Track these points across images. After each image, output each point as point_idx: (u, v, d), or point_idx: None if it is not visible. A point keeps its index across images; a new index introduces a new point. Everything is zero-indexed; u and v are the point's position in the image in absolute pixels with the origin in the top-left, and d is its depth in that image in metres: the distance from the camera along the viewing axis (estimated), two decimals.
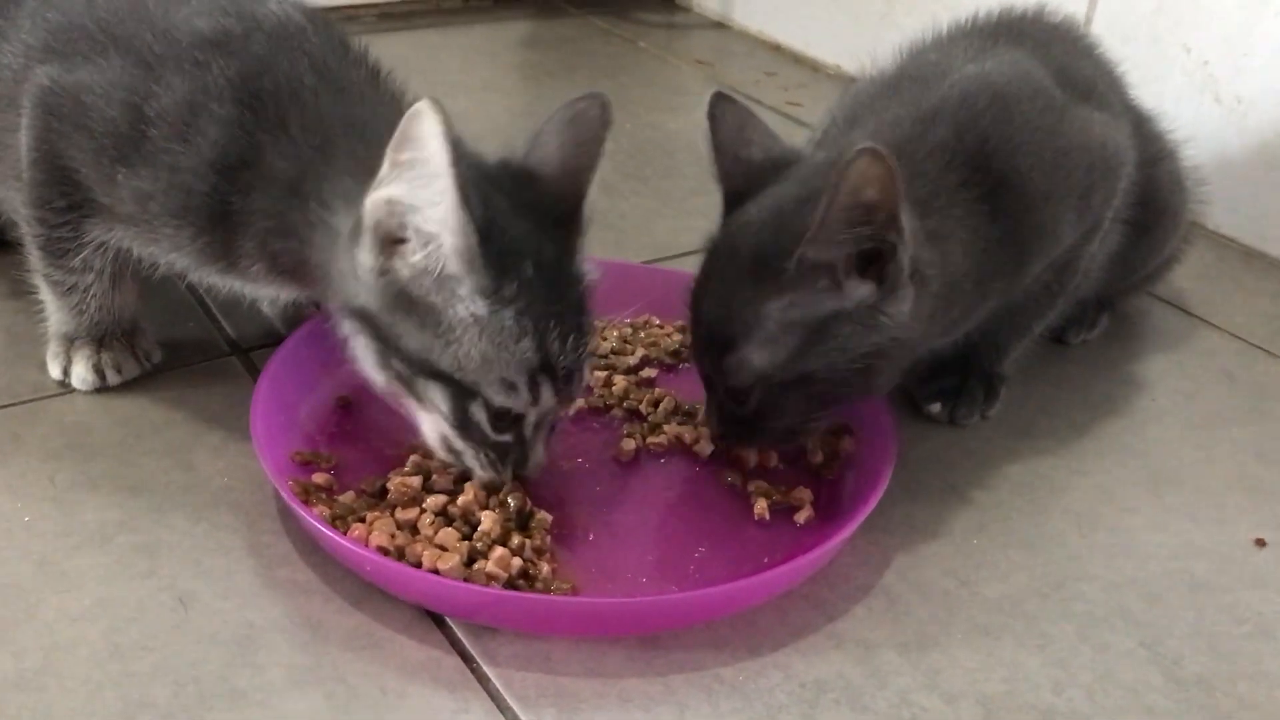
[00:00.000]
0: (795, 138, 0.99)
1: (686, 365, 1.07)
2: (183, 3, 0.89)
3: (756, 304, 0.83)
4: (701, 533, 0.88)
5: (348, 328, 0.83)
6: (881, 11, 1.84)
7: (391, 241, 0.77)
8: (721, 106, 0.90)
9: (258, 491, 0.89)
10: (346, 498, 0.85)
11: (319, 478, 0.87)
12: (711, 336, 0.87)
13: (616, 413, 1.00)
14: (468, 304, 0.77)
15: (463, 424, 0.81)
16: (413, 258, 0.76)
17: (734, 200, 0.90)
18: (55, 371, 1.00)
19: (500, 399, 0.79)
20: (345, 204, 0.80)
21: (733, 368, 0.85)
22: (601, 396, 1.01)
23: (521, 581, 0.80)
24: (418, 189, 0.73)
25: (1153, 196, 1.09)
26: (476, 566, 0.79)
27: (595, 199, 0.85)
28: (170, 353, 1.04)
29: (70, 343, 0.99)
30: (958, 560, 0.89)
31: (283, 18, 0.89)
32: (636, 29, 2.07)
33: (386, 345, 0.80)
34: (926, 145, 0.89)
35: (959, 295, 0.90)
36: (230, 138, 0.83)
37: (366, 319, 0.81)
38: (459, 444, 0.83)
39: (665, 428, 0.97)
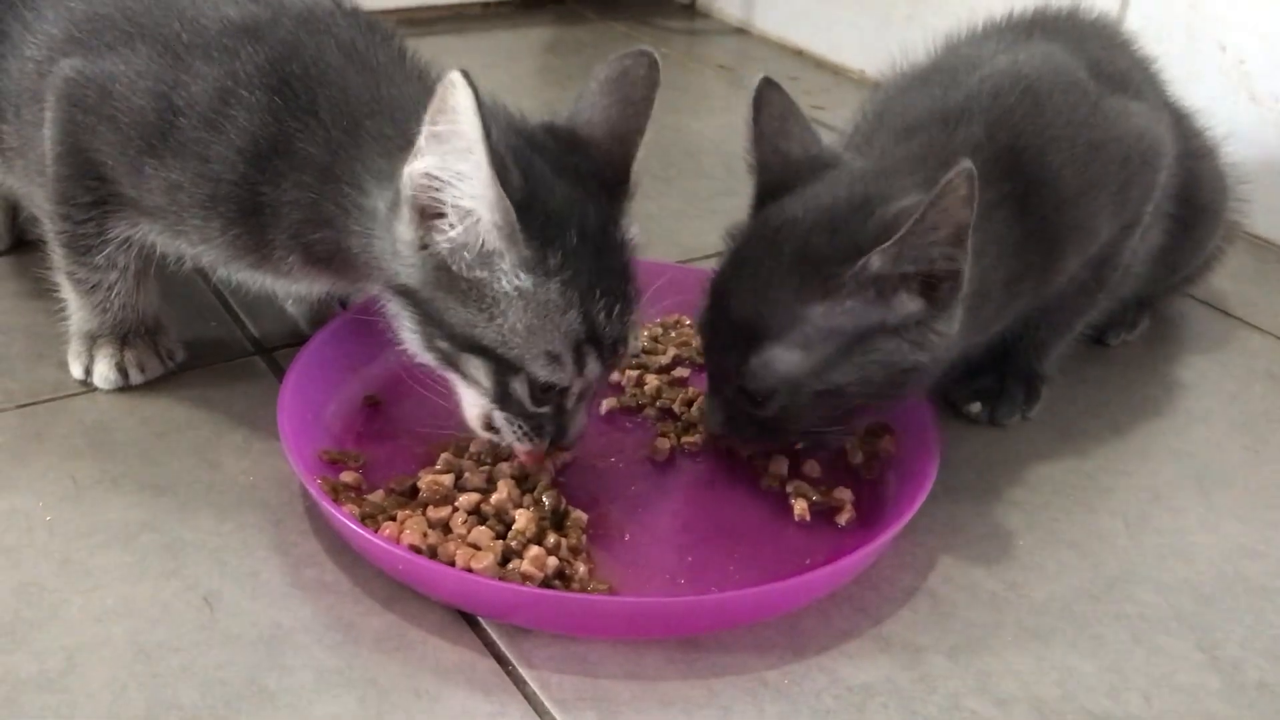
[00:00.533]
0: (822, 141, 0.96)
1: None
2: None
3: (797, 305, 0.80)
4: (740, 534, 0.86)
5: (393, 308, 0.82)
6: (907, 14, 1.82)
7: (430, 215, 0.75)
8: (768, 93, 0.88)
9: (284, 491, 0.87)
10: (376, 496, 0.83)
11: (347, 476, 0.85)
12: (737, 332, 0.83)
13: (650, 412, 0.98)
14: (510, 277, 0.75)
15: (502, 398, 0.79)
16: (451, 232, 0.74)
17: (768, 192, 0.88)
18: (77, 370, 0.98)
19: (545, 373, 0.77)
20: (379, 183, 0.78)
21: (756, 368, 0.82)
22: (634, 396, 0.99)
23: (557, 581, 0.77)
24: (452, 162, 0.72)
25: (1194, 193, 1.07)
26: (511, 566, 0.77)
27: (644, 161, 0.83)
28: (193, 352, 1.02)
29: (92, 341, 0.98)
30: (1004, 562, 0.86)
31: (309, 2, 0.88)
32: (658, 34, 2.06)
33: (430, 322, 0.78)
34: (956, 146, 0.86)
35: (989, 300, 0.87)
36: (260, 124, 0.81)
37: (409, 296, 0.79)
38: (499, 419, 0.81)
39: (702, 427, 0.95)
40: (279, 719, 0.69)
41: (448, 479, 0.83)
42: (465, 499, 0.81)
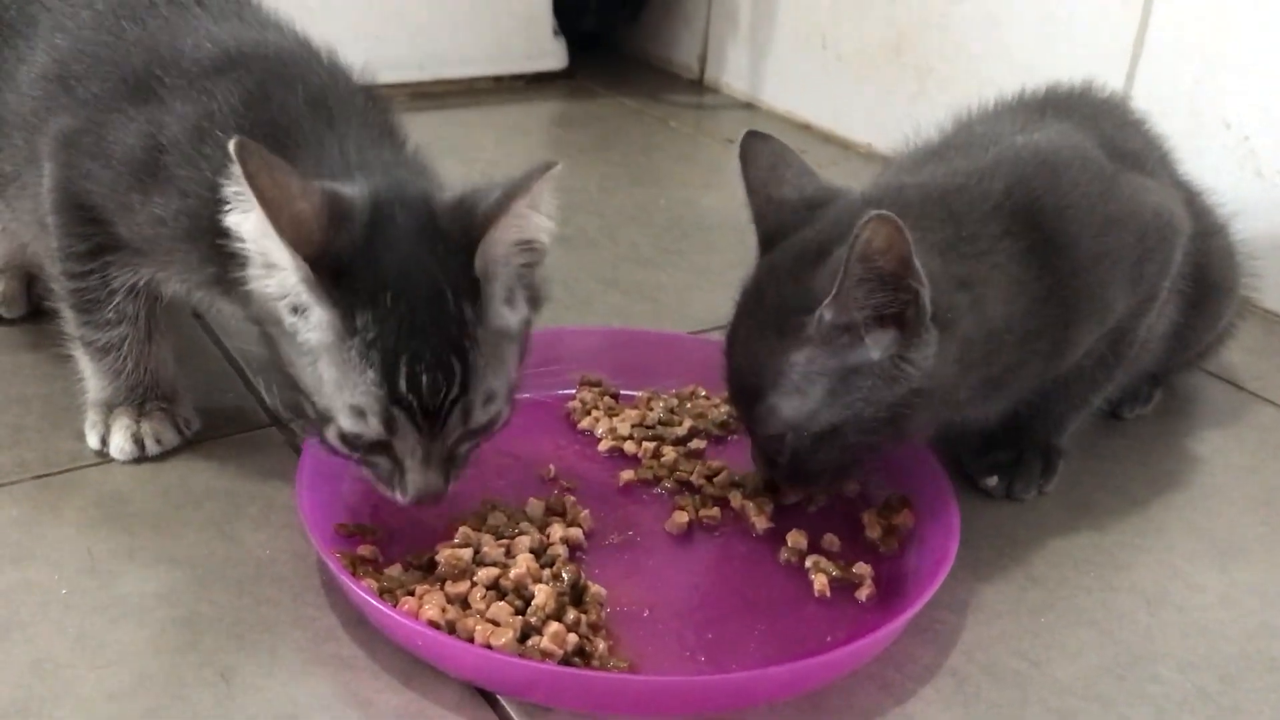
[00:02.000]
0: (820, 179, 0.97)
1: (735, 437, 1.04)
2: (188, 31, 0.91)
3: (780, 355, 0.83)
4: (760, 609, 0.85)
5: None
6: (913, 90, 1.84)
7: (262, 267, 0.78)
8: (753, 145, 0.90)
9: (301, 564, 0.87)
10: (394, 570, 0.82)
11: (364, 550, 0.85)
12: (742, 384, 0.87)
13: (667, 485, 0.97)
14: (317, 328, 0.77)
15: (325, 445, 0.82)
16: (271, 281, 0.78)
17: (769, 241, 0.90)
18: (93, 441, 0.98)
19: (348, 424, 0.79)
20: None
21: (762, 416, 0.86)
22: (650, 468, 0.99)
23: (577, 659, 0.76)
24: (249, 223, 0.76)
25: (1205, 271, 1.08)
26: (531, 642, 0.76)
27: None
28: (209, 422, 1.02)
29: (109, 411, 0.98)
30: (1026, 640, 0.86)
31: (282, 48, 0.92)
32: (667, 109, 2.08)
33: (275, 361, 0.82)
34: (971, 194, 0.88)
35: (999, 348, 0.88)
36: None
37: (261, 334, 0.83)
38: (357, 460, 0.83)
39: (731, 497, 0.95)
40: None
41: (466, 553, 0.83)
42: (484, 573, 0.81)
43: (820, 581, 0.86)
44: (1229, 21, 1.43)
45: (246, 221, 0.76)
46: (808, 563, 0.89)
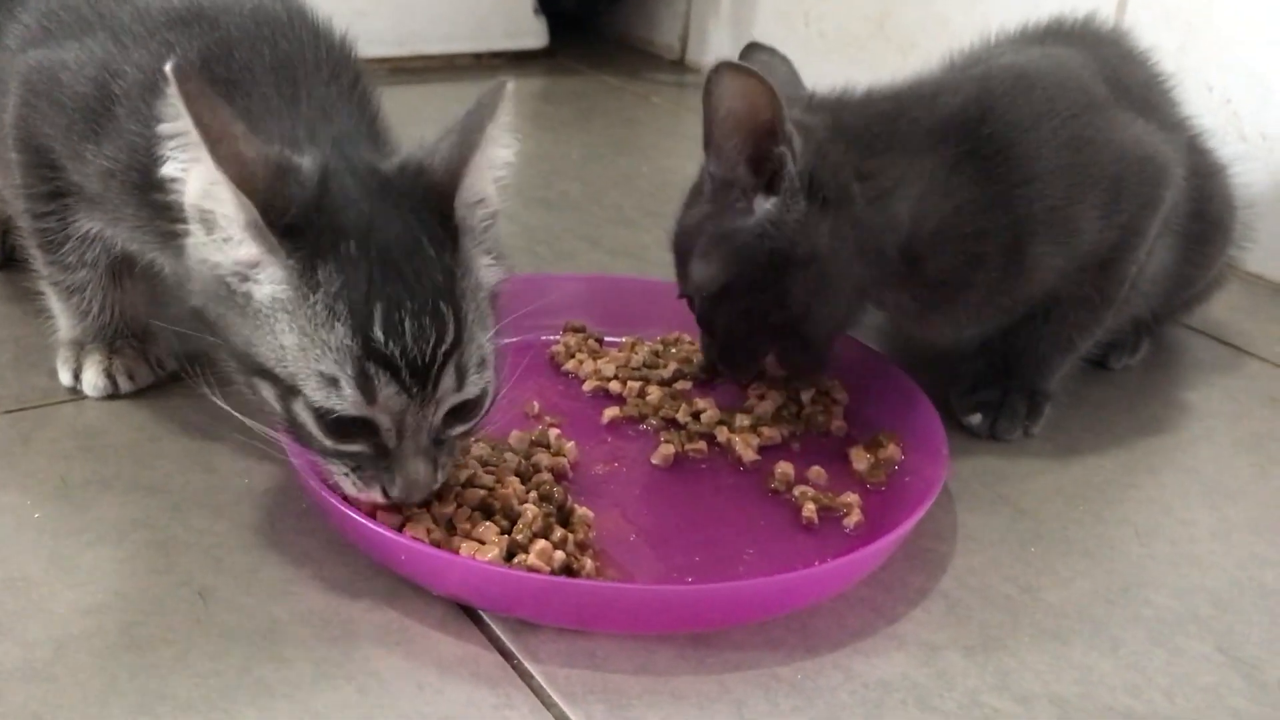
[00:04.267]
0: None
1: (722, 380, 1.03)
2: None
3: (693, 222, 0.92)
4: (748, 537, 0.84)
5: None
6: (896, 67, 1.83)
7: (207, 224, 0.71)
8: (752, 53, 1.02)
9: (282, 494, 0.85)
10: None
11: None
12: (679, 257, 0.95)
13: (653, 421, 0.96)
14: (271, 286, 0.70)
15: (297, 431, 0.73)
16: (215, 237, 0.71)
17: None
18: (66, 377, 0.96)
19: (320, 396, 0.69)
20: None
21: (684, 279, 0.94)
22: (636, 406, 0.97)
23: (564, 576, 0.75)
24: (187, 165, 0.69)
25: (1204, 208, 1.07)
26: (517, 560, 0.75)
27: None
28: (191, 364, 1.00)
29: (80, 348, 0.96)
30: (1017, 567, 0.85)
31: (260, 7, 0.87)
32: (648, 86, 2.08)
33: (223, 348, 0.75)
34: (925, 104, 0.93)
35: (925, 248, 0.91)
36: None
37: (203, 320, 0.75)
38: (325, 463, 0.74)
39: (717, 432, 0.94)
40: (276, 709, 0.66)
41: (454, 475, 0.81)
42: (470, 494, 0.79)
43: (808, 509, 0.85)
44: None
45: (186, 170, 0.69)
46: (795, 491, 0.88)
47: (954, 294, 0.94)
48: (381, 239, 0.70)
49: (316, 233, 0.69)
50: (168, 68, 0.66)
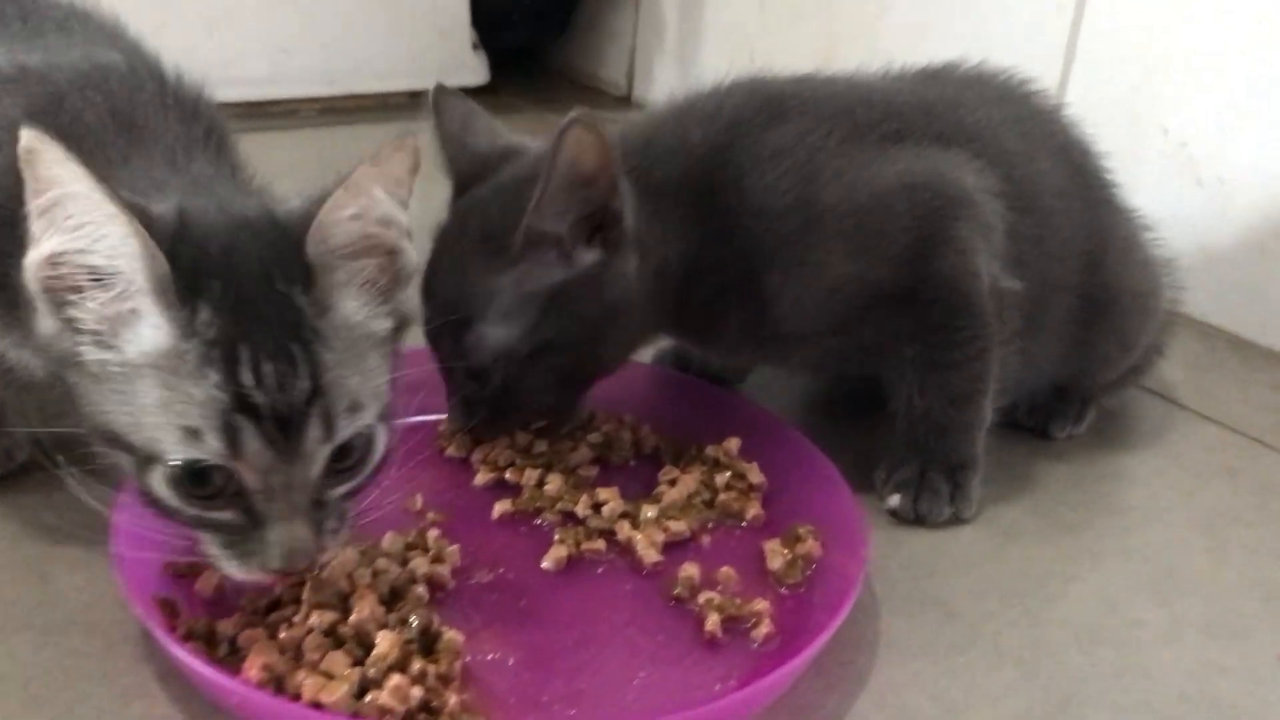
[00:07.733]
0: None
1: (635, 462, 0.95)
2: (37, 36, 0.81)
3: (489, 279, 0.84)
4: (644, 655, 0.75)
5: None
6: None
7: (64, 295, 0.64)
8: (444, 99, 0.91)
9: (120, 611, 0.76)
10: (225, 624, 0.72)
11: (203, 584, 0.75)
12: (447, 319, 0.86)
13: (549, 516, 0.88)
14: (150, 341, 0.63)
15: (153, 504, 0.66)
16: (94, 302, 0.64)
17: (463, 188, 0.90)
18: None
19: (180, 450, 0.63)
20: None
21: (472, 345, 0.85)
22: (532, 498, 0.89)
23: (423, 715, 0.66)
24: (77, 230, 0.62)
25: (1098, 270, 0.99)
26: (369, 698, 0.66)
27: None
28: (45, 452, 0.91)
29: None
30: (943, 682, 0.76)
31: (95, 61, 0.79)
32: None
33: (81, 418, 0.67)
34: (683, 142, 0.90)
35: (687, 283, 0.89)
36: (10, 183, 0.67)
37: (63, 386, 0.67)
38: (197, 536, 0.67)
39: (618, 528, 0.86)
40: None
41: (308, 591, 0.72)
42: (318, 618, 0.70)
43: (712, 620, 0.77)
44: (1164, 27, 1.36)
45: (71, 238, 0.62)
46: (700, 599, 0.79)
47: (714, 325, 0.93)
48: (240, 277, 0.65)
49: (188, 276, 0.63)
50: (27, 134, 0.59)
